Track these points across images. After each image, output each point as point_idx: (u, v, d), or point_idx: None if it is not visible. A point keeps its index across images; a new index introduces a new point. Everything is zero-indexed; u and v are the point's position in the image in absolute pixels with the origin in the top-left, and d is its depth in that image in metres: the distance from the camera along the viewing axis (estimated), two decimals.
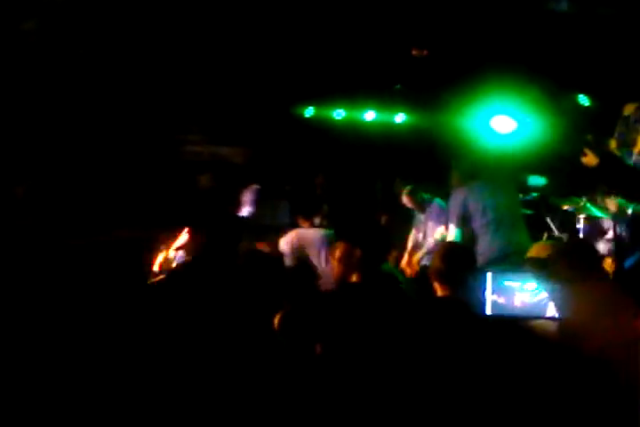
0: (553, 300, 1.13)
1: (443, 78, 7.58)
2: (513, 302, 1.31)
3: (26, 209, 3.80)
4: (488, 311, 1.29)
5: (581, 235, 5.59)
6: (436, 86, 7.84)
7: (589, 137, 4.99)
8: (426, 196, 6.48)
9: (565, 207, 5.85)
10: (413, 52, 7.29)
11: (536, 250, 2.55)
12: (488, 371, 1.82)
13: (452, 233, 4.75)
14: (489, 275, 1.28)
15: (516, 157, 6.33)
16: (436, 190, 6.84)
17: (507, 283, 1.33)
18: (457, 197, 4.86)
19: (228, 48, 6.69)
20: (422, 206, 6.46)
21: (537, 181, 5.55)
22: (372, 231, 2.85)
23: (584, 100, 7.41)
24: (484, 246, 4.63)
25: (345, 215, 6.72)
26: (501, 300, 1.32)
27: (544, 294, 1.21)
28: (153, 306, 2.34)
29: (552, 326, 1.34)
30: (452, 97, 7.86)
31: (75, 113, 5.06)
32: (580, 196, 5.77)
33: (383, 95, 8.47)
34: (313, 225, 5.53)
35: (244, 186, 6.59)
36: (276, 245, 5.36)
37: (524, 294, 1.31)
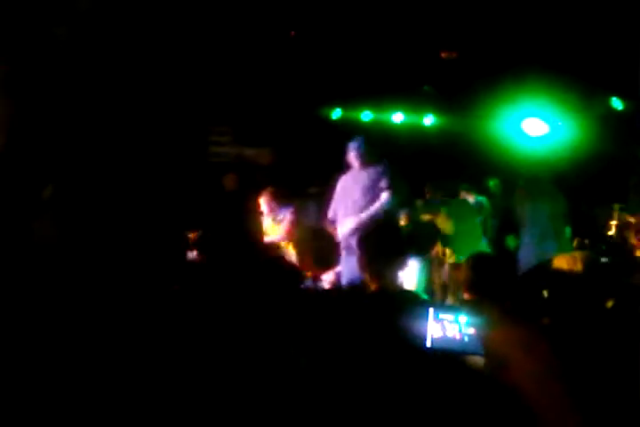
0: (478, 335, 1.20)
1: (472, 80, 7.48)
2: (451, 337, 1.33)
3: (51, 210, 3.80)
4: (428, 344, 1.32)
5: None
6: (465, 88, 7.75)
7: None
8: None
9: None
10: (443, 55, 7.21)
11: (564, 261, 2.45)
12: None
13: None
14: (431, 310, 1.32)
15: (548, 161, 6.23)
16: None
17: (446, 318, 1.35)
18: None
19: (255, 49, 6.68)
20: (479, 205, 6.50)
21: None
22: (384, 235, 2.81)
23: (617, 103, 7.25)
24: (521, 254, 4.95)
25: None
26: (440, 334, 1.34)
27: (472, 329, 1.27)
28: (163, 310, 2.32)
29: (482, 361, 1.40)
30: (482, 99, 7.76)
31: (101, 114, 5.07)
32: (610, 202, 5.67)
33: (412, 97, 8.38)
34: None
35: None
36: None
37: (456, 328, 1.33)
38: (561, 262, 2.43)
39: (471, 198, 6.66)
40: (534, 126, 7.30)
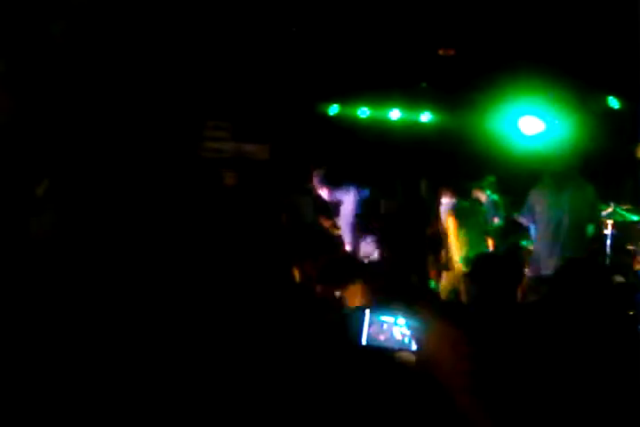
0: (413, 335, 1.38)
1: (469, 78, 7.51)
2: (385, 335, 1.50)
3: (46, 207, 3.80)
4: (363, 342, 1.49)
5: (609, 241, 5.51)
6: (462, 86, 7.78)
7: None
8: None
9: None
10: (440, 52, 7.23)
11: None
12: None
13: (531, 230, 5.08)
14: (367, 311, 1.49)
15: (543, 159, 6.27)
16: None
17: (382, 318, 1.52)
18: (529, 198, 5.07)
19: (254, 45, 6.68)
20: (492, 204, 6.60)
21: None
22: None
23: (614, 102, 7.30)
24: (537, 258, 4.83)
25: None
26: (375, 332, 1.51)
27: (408, 330, 1.45)
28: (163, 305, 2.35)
29: (412, 356, 1.58)
30: (479, 97, 7.79)
31: (96, 110, 5.08)
32: (606, 201, 5.66)
33: (409, 94, 8.41)
34: (335, 225, 5.51)
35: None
36: None
37: (394, 329, 1.51)
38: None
39: (483, 197, 6.63)
40: (530, 124, 7.33)
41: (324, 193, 6.02)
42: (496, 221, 6.47)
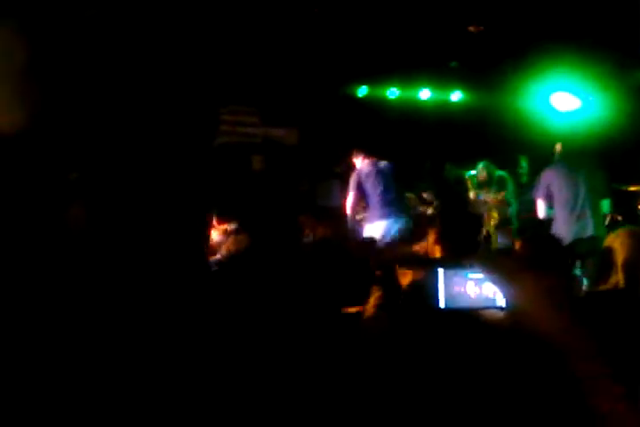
0: (500, 291, 1.21)
1: (501, 55, 7.35)
2: (465, 294, 1.34)
3: (78, 194, 3.84)
4: (441, 304, 1.33)
5: None
6: (494, 63, 7.62)
7: None
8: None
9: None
10: (470, 29, 7.08)
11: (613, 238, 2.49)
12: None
13: (541, 207, 5.11)
14: (440, 270, 1.32)
15: (578, 137, 6.13)
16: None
17: (458, 275, 1.35)
18: (543, 176, 5.17)
19: (280, 27, 6.63)
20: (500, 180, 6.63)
21: None
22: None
23: None
24: (561, 228, 4.82)
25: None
26: (453, 292, 1.35)
27: (491, 286, 1.27)
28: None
29: (499, 314, 1.43)
30: (511, 74, 7.63)
31: (126, 99, 5.10)
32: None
33: (439, 73, 8.27)
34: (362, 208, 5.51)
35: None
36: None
37: (474, 286, 1.34)
38: (611, 240, 2.46)
39: (484, 174, 6.68)
40: (564, 101, 7.17)
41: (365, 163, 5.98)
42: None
